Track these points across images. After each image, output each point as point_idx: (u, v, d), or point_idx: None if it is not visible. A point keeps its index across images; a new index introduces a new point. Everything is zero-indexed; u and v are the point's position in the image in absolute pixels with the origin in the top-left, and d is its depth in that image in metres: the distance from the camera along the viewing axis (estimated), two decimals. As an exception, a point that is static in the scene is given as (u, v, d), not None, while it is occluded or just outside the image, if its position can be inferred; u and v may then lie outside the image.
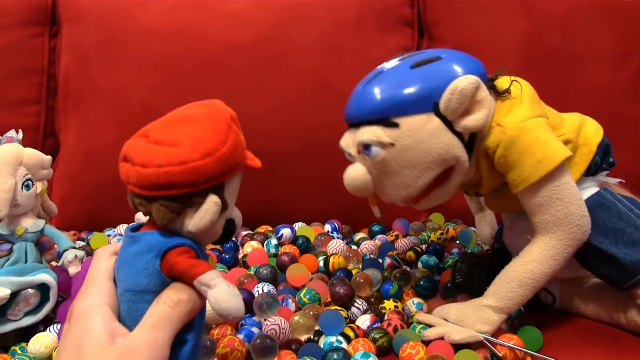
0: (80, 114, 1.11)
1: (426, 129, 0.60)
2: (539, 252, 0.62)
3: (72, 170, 1.09)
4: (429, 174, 0.61)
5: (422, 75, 0.61)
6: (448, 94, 0.59)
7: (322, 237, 0.92)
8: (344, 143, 0.66)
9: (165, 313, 0.41)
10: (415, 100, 0.60)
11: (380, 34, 1.09)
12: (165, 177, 0.40)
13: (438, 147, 0.60)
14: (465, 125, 0.60)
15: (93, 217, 1.08)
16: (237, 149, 0.43)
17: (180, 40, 1.07)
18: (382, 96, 0.61)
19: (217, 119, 0.43)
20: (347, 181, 0.65)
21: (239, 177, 0.46)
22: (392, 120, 0.60)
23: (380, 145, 0.60)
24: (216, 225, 0.45)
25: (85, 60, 1.11)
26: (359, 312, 0.70)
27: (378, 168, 0.62)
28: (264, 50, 1.06)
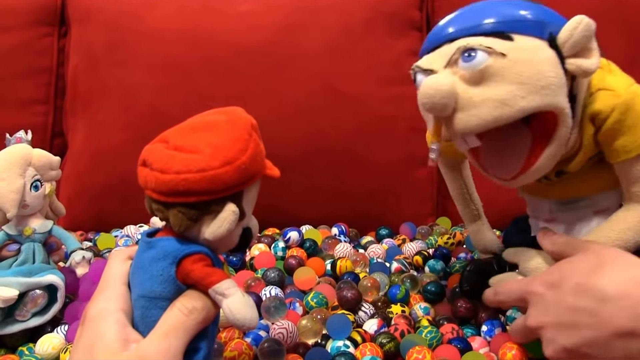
0: (89, 114, 1.11)
1: (540, 54, 0.54)
2: (635, 221, 0.58)
3: (80, 170, 1.09)
4: (534, 99, 0.53)
5: (538, 6, 0.57)
6: (573, 24, 0.54)
7: (329, 240, 0.92)
8: (425, 61, 0.58)
9: (180, 320, 0.41)
10: (534, 22, 0.55)
11: (390, 37, 1.09)
12: (183, 184, 0.40)
13: (552, 75, 0.53)
14: (581, 65, 0.54)
15: (100, 218, 1.08)
16: (257, 158, 0.43)
17: (189, 42, 1.07)
18: (495, 10, 0.56)
19: (237, 127, 0.43)
20: (428, 91, 0.53)
21: (257, 186, 0.45)
22: (508, 33, 0.54)
23: (488, 52, 0.53)
24: (233, 234, 0.45)
25: (94, 61, 1.11)
26: (366, 317, 0.70)
27: (474, 79, 0.54)
28: (273, 53, 1.06)
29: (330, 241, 0.92)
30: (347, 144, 1.05)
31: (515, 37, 0.54)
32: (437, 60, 0.56)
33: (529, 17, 0.55)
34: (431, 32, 0.60)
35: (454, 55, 0.54)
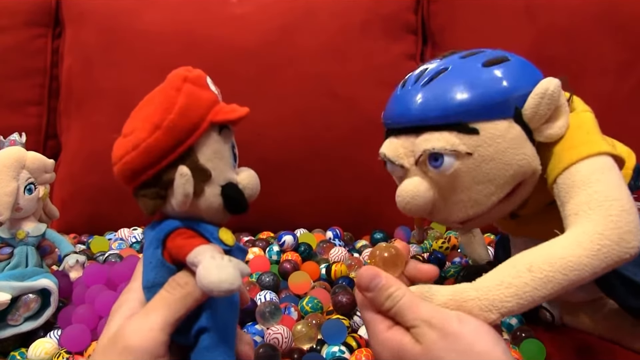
0: (83, 115, 1.10)
1: (508, 137, 0.51)
2: (564, 238, 0.48)
3: (74, 172, 1.09)
4: (505, 189, 0.53)
5: (499, 75, 0.53)
6: (538, 97, 0.51)
7: (324, 244, 0.92)
8: (392, 152, 0.56)
9: (161, 296, 0.40)
10: (496, 103, 0.52)
11: (385, 40, 1.09)
12: (127, 167, 0.39)
13: (520, 158, 0.52)
14: (550, 134, 0.53)
15: (94, 221, 1.07)
16: (190, 109, 0.40)
17: (184, 43, 1.07)
18: (458, 96, 0.52)
19: (165, 88, 0.41)
20: (405, 199, 0.54)
21: (216, 137, 0.41)
22: (471, 125, 0.51)
23: (454, 155, 0.51)
24: (207, 195, 0.41)
25: (89, 62, 1.10)
26: (361, 321, 0.69)
27: (445, 183, 0.53)
28: (268, 55, 1.06)
29: (325, 245, 0.92)
30: (342, 146, 1.05)
31: (480, 127, 0.51)
32: (405, 155, 0.55)
33: (493, 98, 0.52)
34: (394, 107, 0.57)
35: (422, 157, 0.53)
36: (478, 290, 0.45)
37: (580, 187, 0.49)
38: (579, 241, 0.46)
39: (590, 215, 0.47)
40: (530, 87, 0.52)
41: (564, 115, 0.53)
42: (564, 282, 0.45)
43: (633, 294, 0.58)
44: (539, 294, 0.44)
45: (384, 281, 0.46)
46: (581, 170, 0.51)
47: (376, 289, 0.45)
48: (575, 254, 0.45)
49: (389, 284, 0.45)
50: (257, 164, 1.07)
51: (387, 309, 0.45)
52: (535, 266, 0.45)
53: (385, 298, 0.45)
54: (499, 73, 0.53)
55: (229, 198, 0.42)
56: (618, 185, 0.49)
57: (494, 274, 0.46)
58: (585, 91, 0.98)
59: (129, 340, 0.38)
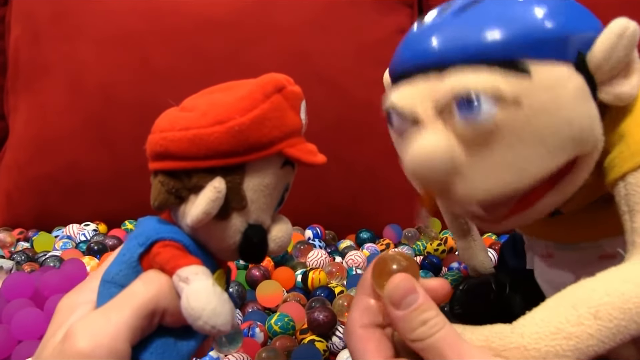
0: (31, 94, 1.00)
1: (569, 87, 0.39)
2: (635, 271, 0.38)
3: (20, 159, 0.99)
4: (560, 158, 0.39)
5: (559, 7, 0.40)
6: (614, 36, 0.39)
7: (301, 245, 0.82)
8: (404, 99, 0.42)
9: (126, 294, 0.33)
10: (557, 39, 0.39)
11: (376, 13, 1.00)
12: (162, 143, 0.34)
13: (583, 117, 0.39)
14: (621, 92, 0.40)
15: (43, 214, 0.98)
16: (267, 124, 0.34)
17: (144, 12, 0.97)
18: (505, 23, 0.39)
19: (253, 88, 0.35)
20: (418, 160, 0.40)
21: (276, 169, 0.36)
22: (521, 63, 0.38)
23: (495, 101, 0.38)
24: (226, 227, 0.35)
25: (38, 33, 1.00)
26: (341, 343, 0.61)
27: (478, 140, 0.39)
28: (243, 28, 0.96)
29: (302, 247, 0.82)
30: (324, 134, 0.94)
31: (532, 67, 0.38)
32: (421, 102, 0.41)
33: (549, 30, 0.39)
34: (408, 44, 0.43)
35: (446, 102, 0.39)
36: (524, 337, 0.34)
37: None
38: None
39: None
40: (594, 32, 0.40)
41: (637, 73, 0.41)
42: (636, 332, 0.34)
43: None
44: (605, 347, 0.34)
45: (421, 300, 0.34)
46: None
47: (409, 308, 0.34)
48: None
49: (428, 306, 0.34)
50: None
51: (416, 339, 0.34)
52: (604, 311, 0.34)
53: (420, 324, 0.34)
54: (557, 5, 0.40)
55: (249, 242, 0.36)
56: None
57: (545, 316, 0.35)
58: None
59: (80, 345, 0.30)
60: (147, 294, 0.32)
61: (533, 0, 0.40)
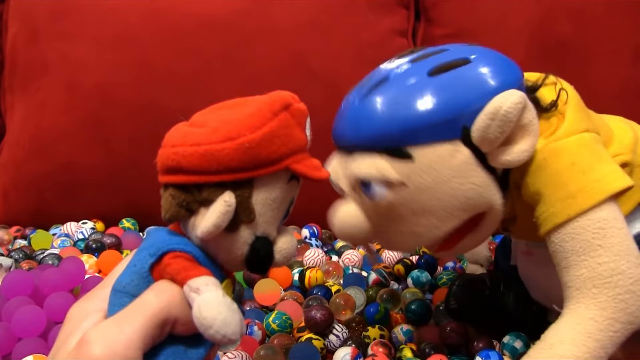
0: (29, 92, 1.01)
1: (452, 164, 0.44)
2: (570, 329, 0.44)
3: (17, 156, 0.99)
4: (451, 222, 0.46)
5: (446, 86, 0.45)
6: (486, 118, 0.43)
7: (298, 244, 0.83)
8: (332, 171, 0.50)
9: (139, 303, 0.33)
10: (438, 123, 0.44)
11: (373, 13, 1.01)
12: (173, 158, 0.35)
13: (467, 189, 0.45)
14: (506, 160, 0.45)
15: (40, 212, 0.98)
16: (276, 141, 0.36)
17: (142, 11, 0.97)
18: (391, 115, 0.45)
19: (262, 105, 0.37)
20: (337, 226, 0.49)
21: (283, 184, 0.37)
22: (404, 150, 0.45)
23: (385, 185, 0.45)
24: (235, 240, 0.36)
25: (35, 31, 1.00)
26: (338, 341, 0.62)
27: (381, 212, 0.47)
28: (239, 27, 0.97)
29: (299, 246, 0.84)
30: (322, 132, 0.93)
31: (415, 151, 0.44)
32: (342, 176, 0.49)
33: (434, 118, 0.44)
34: (336, 119, 0.51)
35: (353, 184, 0.47)
36: None
37: (581, 255, 0.44)
38: (588, 333, 0.43)
39: (596, 296, 0.43)
40: (487, 101, 0.44)
41: (528, 138, 0.45)
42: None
43: None
44: None
45: None
46: (580, 232, 0.44)
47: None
48: (589, 350, 0.42)
49: None
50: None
51: None
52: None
53: None
54: (447, 84, 0.45)
55: (256, 254, 0.37)
56: (625, 247, 0.44)
57: None
58: (595, 76, 0.97)
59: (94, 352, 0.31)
60: (159, 303, 0.33)
61: (427, 83, 0.45)
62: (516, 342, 0.59)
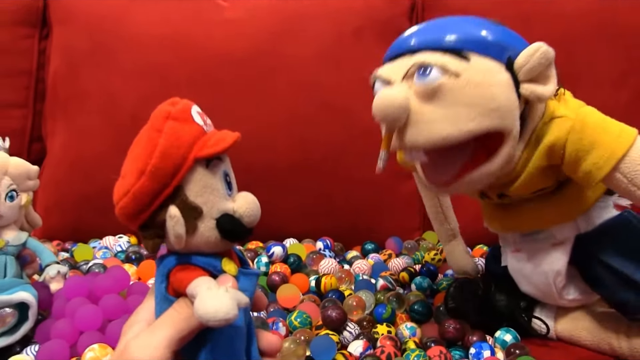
0: (69, 119, 1.08)
1: (496, 76, 0.55)
2: None
3: (58, 178, 1.06)
4: (483, 122, 0.54)
5: (501, 29, 0.57)
6: (532, 50, 0.55)
7: (313, 255, 0.91)
8: (385, 70, 0.59)
9: (168, 314, 0.40)
10: (493, 44, 0.56)
11: (379, 47, 1.02)
12: (122, 212, 0.39)
13: (502, 99, 0.55)
14: (535, 90, 0.56)
15: (78, 228, 1.05)
16: (171, 150, 0.39)
17: (172, 49, 1.05)
18: (457, 27, 0.57)
19: (149, 129, 0.41)
20: (381, 102, 0.54)
21: (203, 171, 0.41)
22: (464, 52, 0.55)
23: (443, 71, 0.54)
24: (200, 231, 0.40)
25: (75, 64, 1.08)
26: (351, 337, 0.69)
27: (427, 96, 0.55)
28: (259, 62, 1.04)
29: (314, 256, 0.90)
30: (334, 156, 1.04)
31: (472, 57, 0.55)
32: (396, 71, 0.57)
33: (489, 38, 0.56)
34: (395, 41, 0.61)
35: (411, 69, 0.56)
36: None
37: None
38: None
39: None
40: (521, 48, 0.56)
41: (551, 83, 0.57)
42: None
43: (621, 286, 0.61)
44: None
45: None
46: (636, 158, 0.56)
47: None
48: None
49: None
50: (247, 171, 1.05)
51: None
52: None
53: None
54: (500, 27, 0.58)
55: (224, 230, 0.41)
56: None
57: None
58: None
59: (133, 356, 0.38)
60: (179, 315, 0.39)
61: (486, 21, 0.58)
62: (506, 335, 0.67)
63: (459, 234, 0.83)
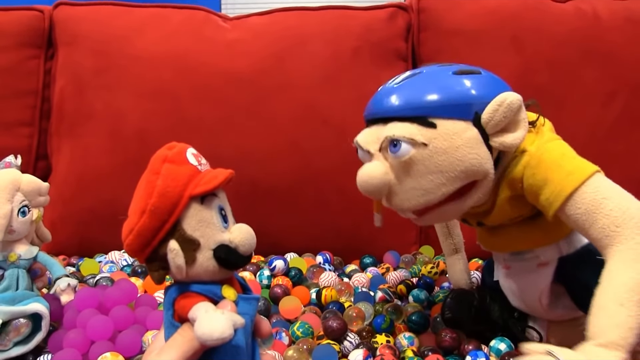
0: (74, 137, 1.11)
1: (464, 136, 0.57)
2: (619, 263, 0.53)
3: (64, 194, 1.08)
4: (455, 183, 0.58)
5: (466, 83, 0.59)
6: (495, 104, 0.57)
7: (314, 269, 0.93)
8: (363, 139, 0.62)
9: (173, 338, 0.44)
10: (458, 105, 0.58)
11: (376, 67, 1.10)
12: (129, 249, 0.44)
13: (472, 157, 0.57)
14: (504, 142, 0.58)
15: (84, 243, 1.07)
16: (168, 190, 0.43)
17: (176, 68, 1.08)
18: (423, 93, 0.58)
19: (148, 173, 0.45)
20: (363, 179, 0.60)
21: (199, 206, 0.44)
22: (430, 120, 0.57)
23: (411, 143, 0.57)
24: (199, 262, 0.44)
25: (81, 84, 1.11)
26: (351, 346, 0.70)
27: (401, 168, 0.59)
28: (261, 81, 1.07)
29: (315, 270, 0.92)
30: (332, 172, 1.06)
31: (438, 122, 0.57)
32: (372, 142, 0.61)
33: (455, 100, 0.58)
34: (372, 101, 0.64)
35: (383, 143, 0.59)
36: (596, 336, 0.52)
37: (594, 212, 0.55)
38: (630, 259, 0.53)
39: (620, 232, 0.54)
40: (490, 99, 0.58)
41: (521, 130, 0.59)
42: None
43: None
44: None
45: None
46: (584, 197, 0.56)
47: None
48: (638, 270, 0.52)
49: None
50: (249, 188, 1.07)
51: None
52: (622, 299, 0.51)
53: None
54: (466, 81, 0.59)
55: (221, 259, 0.45)
56: (619, 191, 0.56)
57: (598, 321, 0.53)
58: (569, 119, 1.05)
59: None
60: (183, 338, 0.43)
61: (452, 78, 0.60)
62: (500, 344, 0.68)
63: (462, 250, 0.85)
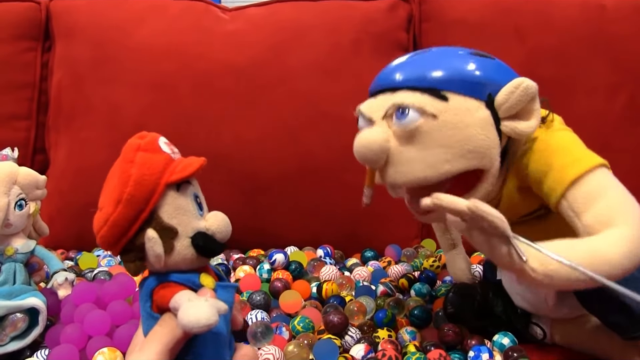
0: (72, 130, 1.10)
1: (475, 115, 0.55)
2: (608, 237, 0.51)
3: (62, 188, 1.08)
4: (460, 163, 0.55)
5: (482, 63, 0.57)
6: (512, 86, 0.55)
7: (314, 262, 0.92)
8: (366, 107, 0.60)
9: (154, 331, 0.43)
10: (473, 82, 0.56)
11: (376, 58, 1.09)
12: (103, 240, 0.44)
13: (481, 138, 0.55)
14: (516, 127, 0.56)
15: (82, 237, 1.05)
16: (143, 178, 0.43)
17: (175, 60, 1.07)
18: (437, 66, 0.57)
19: (121, 162, 0.45)
20: (361, 144, 0.57)
21: (175, 194, 0.45)
22: (442, 92, 0.55)
23: (419, 112, 0.55)
24: (177, 250, 0.44)
25: (79, 77, 1.10)
26: (352, 341, 0.70)
27: (405, 138, 0.56)
28: (260, 72, 1.06)
29: (315, 263, 0.92)
30: (332, 165, 1.05)
31: (450, 96, 0.55)
32: (376, 110, 0.58)
33: (469, 76, 0.56)
34: (379, 75, 0.61)
35: (389, 110, 0.56)
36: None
37: (595, 198, 0.53)
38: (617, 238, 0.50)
39: (615, 219, 0.52)
40: (504, 83, 0.56)
41: (534, 118, 0.57)
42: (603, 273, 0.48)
43: (612, 310, 0.60)
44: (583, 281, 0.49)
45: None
46: (588, 183, 0.54)
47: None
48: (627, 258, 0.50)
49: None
50: (249, 181, 1.06)
51: None
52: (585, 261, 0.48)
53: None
54: (482, 61, 0.58)
55: (199, 247, 0.45)
56: (622, 188, 0.54)
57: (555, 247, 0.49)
58: (574, 111, 1.02)
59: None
60: (164, 329, 0.43)
61: (467, 56, 0.58)
62: (504, 339, 0.68)
63: (460, 244, 0.84)
